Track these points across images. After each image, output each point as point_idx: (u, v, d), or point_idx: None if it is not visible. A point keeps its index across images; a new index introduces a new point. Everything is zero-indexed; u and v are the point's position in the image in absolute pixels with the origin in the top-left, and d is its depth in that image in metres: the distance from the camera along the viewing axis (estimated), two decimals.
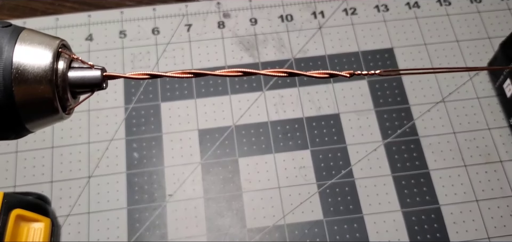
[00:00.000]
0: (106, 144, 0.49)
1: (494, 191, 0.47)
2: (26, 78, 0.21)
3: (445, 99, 0.52)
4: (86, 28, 0.55)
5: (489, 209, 0.47)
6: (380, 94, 0.52)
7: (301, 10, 0.57)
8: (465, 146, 0.49)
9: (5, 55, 0.21)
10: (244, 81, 0.52)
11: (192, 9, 0.56)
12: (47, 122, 0.22)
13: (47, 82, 0.21)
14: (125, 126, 0.50)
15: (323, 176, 0.47)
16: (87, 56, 0.53)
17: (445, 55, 0.54)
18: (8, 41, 0.21)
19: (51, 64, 0.21)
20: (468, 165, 0.48)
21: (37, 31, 0.23)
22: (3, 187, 0.47)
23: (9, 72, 0.21)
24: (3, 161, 0.48)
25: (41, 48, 0.22)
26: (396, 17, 0.56)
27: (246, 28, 0.55)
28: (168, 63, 0.53)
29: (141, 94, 0.51)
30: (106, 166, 0.48)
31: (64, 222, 0.45)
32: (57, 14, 0.56)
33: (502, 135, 0.50)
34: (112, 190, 0.47)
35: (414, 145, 0.49)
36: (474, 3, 0.57)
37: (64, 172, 0.47)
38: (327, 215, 0.46)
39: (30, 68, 0.21)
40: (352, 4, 0.57)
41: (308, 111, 0.51)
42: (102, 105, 0.51)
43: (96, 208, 0.46)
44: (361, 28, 0.56)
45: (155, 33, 0.55)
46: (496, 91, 0.52)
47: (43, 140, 0.49)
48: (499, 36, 0.54)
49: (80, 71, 0.22)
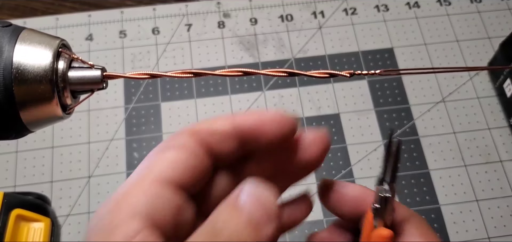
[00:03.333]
0: (106, 144, 0.49)
1: (494, 191, 0.47)
2: (26, 77, 0.21)
3: (445, 99, 0.52)
4: (86, 28, 0.55)
5: (489, 209, 0.47)
6: (380, 94, 0.52)
7: (301, 10, 0.57)
8: (465, 146, 0.49)
9: (5, 54, 0.21)
10: (244, 81, 0.52)
11: (192, 9, 0.56)
12: (47, 121, 0.22)
13: (47, 81, 0.21)
14: (125, 126, 0.50)
15: (323, 176, 0.47)
16: (87, 56, 0.53)
17: (445, 55, 0.54)
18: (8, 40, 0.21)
19: (51, 64, 0.21)
20: (468, 165, 0.48)
21: (37, 31, 0.23)
22: (3, 187, 0.47)
23: (9, 71, 0.21)
24: (3, 161, 0.48)
25: (41, 47, 0.22)
26: (396, 17, 0.56)
27: (246, 28, 0.55)
28: (168, 63, 0.53)
29: (141, 94, 0.51)
30: (106, 166, 0.48)
31: (64, 222, 0.45)
32: (57, 14, 0.56)
33: (502, 135, 0.50)
34: (112, 190, 0.47)
35: (414, 145, 0.49)
36: (474, 3, 0.57)
37: (64, 172, 0.47)
38: (327, 215, 0.46)
39: (30, 67, 0.21)
40: (352, 4, 0.57)
41: (308, 111, 0.51)
42: (102, 105, 0.51)
43: (96, 208, 0.46)
44: (361, 28, 0.56)
45: (155, 33, 0.55)
46: (496, 91, 0.52)
47: (43, 140, 0.49)
48: (499, 36, 0.54)
49: (80, 71, 0.23)
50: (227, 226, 0.20)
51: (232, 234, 0.20)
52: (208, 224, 0.20)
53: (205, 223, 0.21)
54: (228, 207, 0.21)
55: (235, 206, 0.21)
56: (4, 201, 0.40)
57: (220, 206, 0.21)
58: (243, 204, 0.20)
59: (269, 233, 0.20)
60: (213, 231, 0.20)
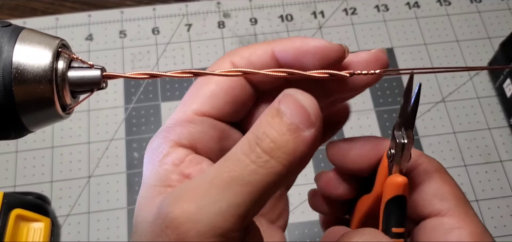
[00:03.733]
0: (106, 144, 0.49)
1: (494, 191, 0.47)
2: (26, 77, 0.21)
3: (445, 99, 0.52)
4: (86, 28, 0.55)
5: (489, 209, 0.47)
6: (380, 94, 0.52)
7: (301, 10, 0.57)
8: (465, 146, 0.49)
9: (5, 54, 0.21)
10: None
11: (192, 9, 0.56)
12: (47, 121, 0.22)
13: (47, 81, 0.21)
14: (125, 126, 0.50)
15: None
16: (87, 56, 0.53)
17: (445, 55, 0.54)
18: (8, 40, 0.21)
19: (51, 64, 0.21)
20: (468, 165, 0.48)
21: (37, 31, 0.23)
22: (3, 187, 0.47)
23: (9, 71, 0.21)
24: (3, 161, 0.48)
25: (40, 47, 0.22)
26: (396, 17, 0.56)
27: (246, 28, 0.55)
28: (168, 63, 0.53)
29: (141, 94, 0.51)
30: (106, 166, 0.48)
31: (64, 222, 0.45)
32: (57, 14, 0.56)
33: (502, 135, 0.50)
34: (112, 190, 0.47)
35: (414, 145, 0.49)
36: (474, 3, 0.57)
37: (64, 172, 0.47)
38: None
39: (30, 67, 0.21)
40: (352, 4, 0.57)
41: None
42: (102, 105, 0.51)
43: (96, 208, 0.46)
44: (361, 28, 0.56)
45: (155, 33, 0.55)
46: (496, 91, 0.52)
47: (43, 140, 0.49)
48: (499, 36, 0.54)
49: (80, 70, 0.22)
50: (269, 133, 0.20)
51: (274, 140, 0.20)
52: (251, 133, 0.21)
53: (248, 133, 0.21)
54: (269, 114, 0.21)
55: (275, 113, 0.21)
56: (4, 201, 0.40)
57: (262, 115, 0.21)
58: (284, 110, 0.20)
59: (312, 137, 0.20)
60: (255, 138, 0.20)
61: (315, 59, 0.23)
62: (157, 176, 0.22)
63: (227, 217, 0.19)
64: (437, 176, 0.26)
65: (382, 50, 0.25)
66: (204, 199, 0.20)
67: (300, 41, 0.23)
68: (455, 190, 0.25)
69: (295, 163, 0.20)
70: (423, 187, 0.25)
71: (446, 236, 0.24)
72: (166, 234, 0.20)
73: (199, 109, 0.24)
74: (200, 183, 0.20)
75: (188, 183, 0.21)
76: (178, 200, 0.20)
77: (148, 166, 0.23)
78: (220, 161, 0.21)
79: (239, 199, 0.20)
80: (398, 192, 0.24)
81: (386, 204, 0.25)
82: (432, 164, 0.26)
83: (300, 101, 0.21)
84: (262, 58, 0.23)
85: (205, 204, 0.20)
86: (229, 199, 0.20)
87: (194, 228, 0.19)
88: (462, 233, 0.24)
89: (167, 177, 0.22)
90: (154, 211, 0.21)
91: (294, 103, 0.21)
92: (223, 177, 0.20)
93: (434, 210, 0.25)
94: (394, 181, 0.24)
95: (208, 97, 0.24)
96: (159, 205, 0.21)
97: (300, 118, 0.20)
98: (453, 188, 0.25)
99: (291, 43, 0.23)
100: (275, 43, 0.24)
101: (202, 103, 0.24)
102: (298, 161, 0.20)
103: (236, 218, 0.20)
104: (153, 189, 0.22)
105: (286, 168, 0.20)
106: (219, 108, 0.24)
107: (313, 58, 0.23)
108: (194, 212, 0.19)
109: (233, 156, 0.20)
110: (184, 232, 0.19)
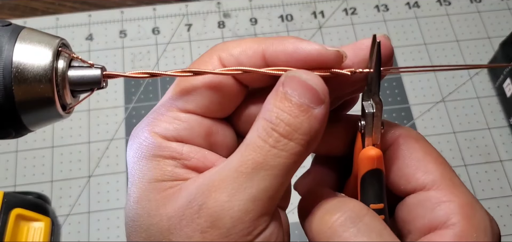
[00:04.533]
0: (106, 144, 0.49)
1: (494, 191, 0.47)
2: (26, 77, 0.21)
3: (445, 99, 0.52)
4: (86, 28, 0.55)
5: (489, 209, 0.47)
6: (380, 93, 0.52)
7: (301, 10, 0.57)
8: (465, 146, 0.49)
9: (5, 54, 0.21)
10: None
11: (192, 9, 0.56)
12: (47, 120, 0.22)
13: (47, 81, 0.21)
14: (125, 125, 0.50)
15: None
16: (87, 55, 0.53)
17: (445, 55, 0.54)
18: (8, 40, 0.21)
19: (51, 63, 0.21)
20: (468, 165, 0.48)
21: (37, 30, 0.23)
22: (3, 186, 0.47)
23: (9, 71, 0.21)
24: (3, 161, 0.48)
25: (41, 47, 0.22)
26: (396, 17, 0.56)
27: (246, 28, 0.55)
28: (168, 62, 0.53)
29: (141, 93, 0.51)
30: (106, 165, 0.48)
31: (64, 222, 0.45)
32: (57, 13, 0.56)
33: (502, 135, 0.50)
34: (112, 190, 0.47)
35: None
36: (474, 3, 0.57)
37: (64, 172, 0.47)
38: None
39: (30, 67, 0.21)
40: (352, 4, 0.57)
41: None
42: (102, 105, 0.51)
43: (96, 208, 0.46)
44: (361, 28, 0.56)
45: (155, 33, 0.55)
46: (496, 91, 0.52)
47: (43, 139, 0.49)
48: (499, 36, 0.54)
49: (80, 70, 0.22)
50: (282, 117, 0.21)
51: (289, 123, 0.21)
52: (262, 120, 0.21)
53: (258, 120, 0.21)
54: (276, 99, 0.21)
55: (283, 96, 0.21)
56: (4, 200, 0.40)
57: (268, 101, 0.21)
58: (291, 93, 0.21)
59: (323, 113, 0.21)
60: (270, 124, 0.21)
61: (307, 67, 0.22)
62: (157, 172, 0.22)
63: (258, 202, 0.21)
64: (418, 146, 0.24)
65: (385, 36, 0.25)
66: (234, 187, 0.21)
67: (292, 45, 0.22)
68: (438, 159, 0.24)
69: (312, 140, 0.21)
70: (404, 160, 0.24)
71: (433, 211, 0.22)
72: (198, 223, 0.21)
73: (184, 106, 0.23)
74: (226, 173, 0.21)
75: (213, 174, 0.22)
76: (210, 191, 0.21)
77: (139, 161, 0.23)
78: (239, 150, 0.22)
79: (266, 183, 0.21)
80: (372, 166, 0.23)
81: (361, 179, 0.23)
82: (411, 134, 0.25)
83: (307, 81, 0.21)
84: (252, 60, 0.23)
85: (235, 192, 0.21)
86: (258, 184, 0.21)
87: (228, 214, 0.20)
88: (450, 206, 0.22)
89: (173, 171, 0.22)
90: (177, 206, 0.21)
91: (300, 83, 0.21)
92: (248, 164, 0.21)
93: (418, 184, 0.23)
94: (367, 155, 0.23)
95: (192, 94, 0.23)
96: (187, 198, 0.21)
97: (309, 97, 0.21)
98: (437, 158, 0.24)
99: (283, 46, 0.22)
100: (266, 43, 0.23)
101: (187, 100, 0.23)
102: (315, 138, 0.21)
103: (266, 201, 0.21)
104: (159, 185, 0.22)
105: (305, 148, 0.21)
106: (204, 106, 0.23)
107: (305, 66, 0.22)
108: (227, 200, 0.21)
109: (253, 143, 0.21)
110: (218, 219, 0.20)
